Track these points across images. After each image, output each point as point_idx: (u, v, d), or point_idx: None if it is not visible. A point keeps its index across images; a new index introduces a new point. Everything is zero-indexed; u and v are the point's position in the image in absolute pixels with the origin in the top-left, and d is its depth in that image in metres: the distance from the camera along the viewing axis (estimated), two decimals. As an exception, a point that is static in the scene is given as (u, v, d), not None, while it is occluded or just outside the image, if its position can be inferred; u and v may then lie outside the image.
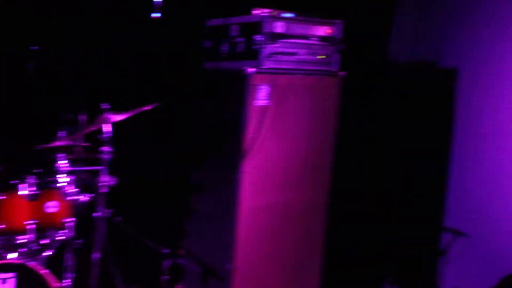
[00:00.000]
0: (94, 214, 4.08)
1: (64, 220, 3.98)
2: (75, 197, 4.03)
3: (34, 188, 3.87)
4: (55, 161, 4.00)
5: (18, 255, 3.84)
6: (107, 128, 4.03)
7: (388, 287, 5.07)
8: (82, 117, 4.16)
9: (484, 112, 4.76)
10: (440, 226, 4.96)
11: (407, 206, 5.08)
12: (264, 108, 4.07)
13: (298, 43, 4.17)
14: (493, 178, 4.66)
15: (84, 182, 4.12)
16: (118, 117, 4.03)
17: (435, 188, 5.02)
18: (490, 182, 4.69)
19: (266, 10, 4.11)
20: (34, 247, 3.89)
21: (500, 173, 4.64)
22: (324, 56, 4.29)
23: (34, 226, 3.85)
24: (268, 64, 4.06)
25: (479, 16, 4.87)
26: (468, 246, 4.81)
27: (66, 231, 3.99)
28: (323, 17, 4.27)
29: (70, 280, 4.07)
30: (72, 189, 4.02)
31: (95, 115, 4.04)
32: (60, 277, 3.91)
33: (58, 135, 4.00)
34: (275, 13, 4.12)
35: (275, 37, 4.06)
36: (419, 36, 5.19)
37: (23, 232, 3.85)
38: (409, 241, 5.03)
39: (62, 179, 3.99)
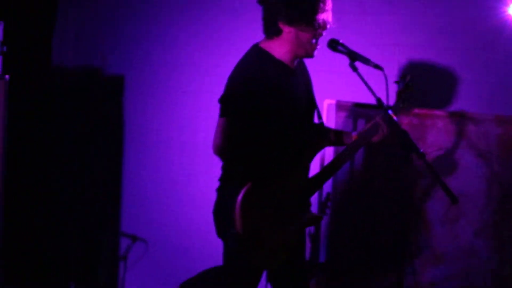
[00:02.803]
0: None
1: None
2: None
3: None
4: None
5: None
6: None
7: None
8: None
9: (153, 118, 4.92)
10: (117, 231, 4.96)
11: (83, 209, 4.96)
12: None
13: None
14: (166, 184, 4.84)
15: None
16: None
17: (110, 193, 5.01)
18: (164, 188, 4.88)
19: None
20: None
21: (172, 179, 4.84)
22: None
23: None
24: None
25: (139, 25, 5.00)
26: (147, 251, 4.90)
27: None
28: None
29: None
30: None
31: None
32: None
33: None
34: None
35: None
36: (84, 41, 5.12)
37: None
38: (87, 244, 4.94)
39: None
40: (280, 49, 3.11)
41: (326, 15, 3.12)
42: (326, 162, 4.06)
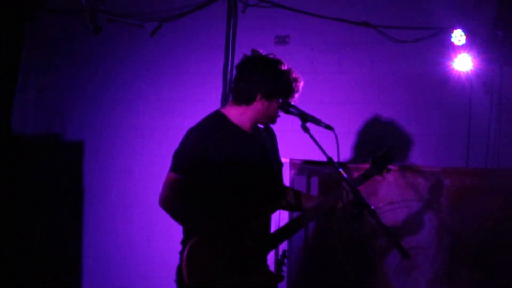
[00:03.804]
0: None
1: None
2: None
3: None
4: None
5: None
6: None
7: None
8: None
9: (112, 181, 4.96)
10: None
11: (44, 277, 4.92)
12: None
13: None
14: (127, 247, 4.86)
15: None
16: None
17: (71, 258, 5.03)
18: (125, 251, 4.92)
19: None
20: None
21: (132, 242, 4.86)
22: None
23: None
24: None
25: (98, 92, 5.12)
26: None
27: None
28: None
29: None
30: None
31: None
32: None
33: None
34: None
35: None
36: (43, 109, 5.19)
37: None
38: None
39: None
40: (241, 115, 3.25)
41: (296, 94, 3.34)
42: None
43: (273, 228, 3.35)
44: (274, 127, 4.55)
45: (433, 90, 4.42)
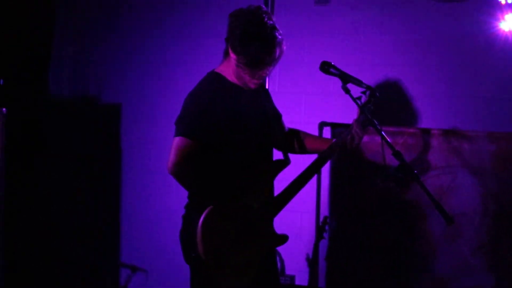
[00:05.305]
0: None
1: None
2: None
3: None
4: None
5: None
6: None
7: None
8: None
9: (151, 146, 4.94)
10: (117, 262, 4.97)
11: (82, 240, 4.97)
12: None
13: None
14: (165, 213, 4.83)
15: None
16: None
17: (109, 224, 5.03)
18: (162, 217, 4.88)
19: None
20: None
21: (170, 208, 4.83)
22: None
23: None
24: None
25: (136, 56, 5.06)
26: (147, 281, 4.94)
27: None
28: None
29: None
30: None
31: None
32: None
33: None
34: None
35: None
36: (80, 72, 5.16)
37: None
38: (88, 276, 4.95)
39: None
40: (231, 71, 3.15)
41: (266, 67, 3.10)
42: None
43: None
44: (310, 88, 4.52)
45: (480, 51, 4.26)
